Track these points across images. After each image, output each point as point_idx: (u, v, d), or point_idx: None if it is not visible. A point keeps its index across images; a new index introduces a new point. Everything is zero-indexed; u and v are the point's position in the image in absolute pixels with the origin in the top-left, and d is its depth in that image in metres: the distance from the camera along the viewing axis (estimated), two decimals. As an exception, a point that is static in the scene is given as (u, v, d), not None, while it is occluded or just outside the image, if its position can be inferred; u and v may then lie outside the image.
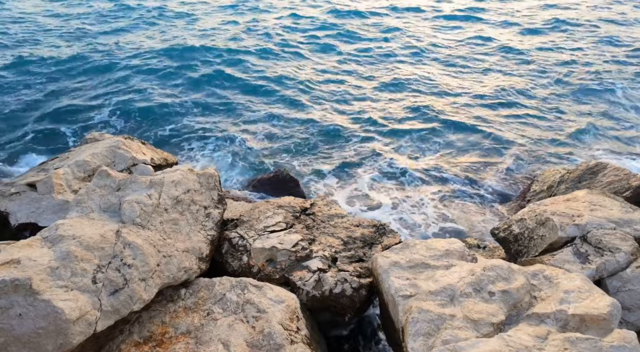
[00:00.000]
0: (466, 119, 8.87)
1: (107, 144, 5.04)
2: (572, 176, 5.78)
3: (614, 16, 15.50)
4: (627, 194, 4.86)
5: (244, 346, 3.06)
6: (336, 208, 4.91)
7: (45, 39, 13.11)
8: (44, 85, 9.94)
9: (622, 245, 3.73)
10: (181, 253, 3.56)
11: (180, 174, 4.00)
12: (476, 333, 2.92)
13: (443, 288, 3.25)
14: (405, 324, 3.09)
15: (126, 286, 3.02)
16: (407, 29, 14.56)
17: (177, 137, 8.14)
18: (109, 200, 3.64)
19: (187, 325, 3.21)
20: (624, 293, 3.52)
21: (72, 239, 3.06)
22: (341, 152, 7.77)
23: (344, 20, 15.49)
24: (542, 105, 9.44)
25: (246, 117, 8.83)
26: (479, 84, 10.49)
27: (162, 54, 11.77)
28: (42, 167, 5.12)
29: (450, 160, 7.60)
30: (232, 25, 14.72)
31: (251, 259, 4.02)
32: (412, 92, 10.04)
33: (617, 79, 10.24)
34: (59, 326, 2.63)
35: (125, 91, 9.68)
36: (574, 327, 2.93)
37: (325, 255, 4.05)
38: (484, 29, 14.63)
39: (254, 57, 11.97)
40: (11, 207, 4.46)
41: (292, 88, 10.04)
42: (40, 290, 2.68)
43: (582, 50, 12.27)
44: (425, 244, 3.84)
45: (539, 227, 4.23)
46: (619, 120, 8.61)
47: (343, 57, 12.14)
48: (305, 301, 3.74)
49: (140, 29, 14.33)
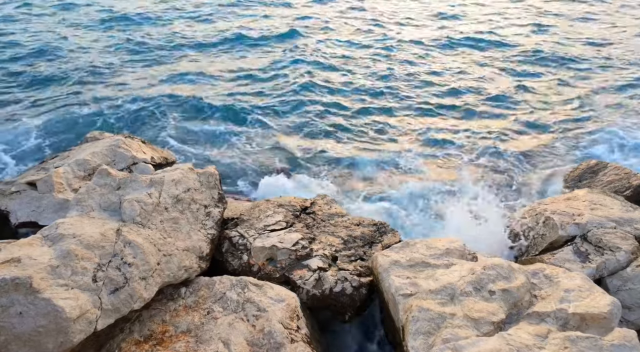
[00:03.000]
0: (466, 118, 8.88)
1: (107, 143, 5.04)
2: (573, 175, 5.79)
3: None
4: (628, 193, 4.86)
5: (244, 345, 3.06)
6: (336, 207, 4.91)
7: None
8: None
9: (623, 244, 3.73)
10: (181, 252, 3.56)
11: (181, 173, 4.00)
12: (476, 332, 2.92)
13: (443, 287, 3.25)
14: (405, 322, 3.09)
15: (126, 285, 3.02)
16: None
17: (176, 136, 8.14)
18: (109, 199, 3.64)
19: (187, 324, 3.21)
20: (624, 292, 3.53)
21: (73, 238, 3.07)
22: (342, 151, 7.77)
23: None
24: (542, 104, 9.44)
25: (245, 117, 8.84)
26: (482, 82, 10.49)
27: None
28: (42, 165, 5.12)
29: (450, 160, 7.60)
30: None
31: (251, 258, 4.02)
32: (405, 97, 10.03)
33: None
34: (60, 325, 2.63)
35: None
36: (575, 326, 2.94)
37: (326, 254, 4.05)
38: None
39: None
40: (11, 206, 4.47)
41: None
42: (40, 288, 2.68)
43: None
44: (426, 242, 3.84)
45: (540, 226, 4.23)
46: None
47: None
48: (306, 299, 3.74)
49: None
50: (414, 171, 7.29)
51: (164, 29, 13.79)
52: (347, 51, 12.06)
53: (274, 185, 6.69)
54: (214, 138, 8.17)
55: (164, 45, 12.35)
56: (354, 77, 10.46)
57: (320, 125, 8.58)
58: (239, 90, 9.84)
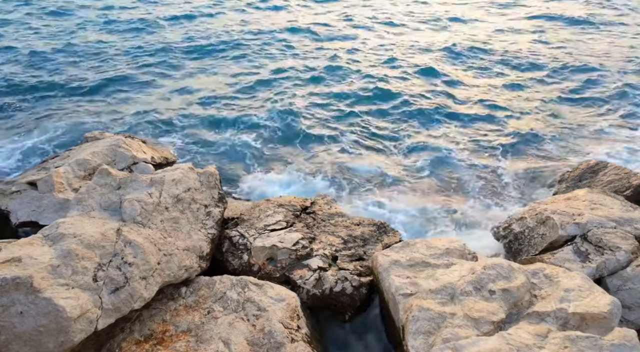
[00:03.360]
0: (466, 118, 8.88)
1: (107, 142, 5.04)
2: (573, 174, 5.79)
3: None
4: (628, 193, 4.86)
5: (245, 344, 3.07)
6: (336, 207, 4.91)
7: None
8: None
9: (623, 244, 3.73)
10: (182, 252, 3.57)
11: (181, 173, 4.00)
12: (476, 331, 2.92)
13: (443, 286, 3.25)
14: (405, 322, 3.09)
15: (127, 284, 3.02)
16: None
17: (173, 137, 8.14)
18: (110, 198, 3.64)
19: (187, 323, 3.22)
20: (624, 292, 3.53)
21: (73, 238, 3.07)
22: (341, 150, 7.77)
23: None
24: (543, 103, 9.44)
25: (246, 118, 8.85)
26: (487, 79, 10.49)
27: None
28: (43, 165, 5.13)
29: (449, 159, 7.60)
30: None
31: (252, 258, 4.03)
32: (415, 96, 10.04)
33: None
34: (60, 324, 2.64)
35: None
36: (574, 325, 2.94)
37: (326, 254, 4.06)
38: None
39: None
40: (12, 205, 4.47)
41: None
42: (41, 288, 2.68)
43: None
44: (426, 242, 3.84)
45: (540, 226, 4.23)
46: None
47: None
48: (306, 299, 3.75)
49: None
50: (414, 172, 7.29)
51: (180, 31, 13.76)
52: (355, 57, 12.00)
53: (274, 185, 6.70)
54: (215, 138, 8.18)
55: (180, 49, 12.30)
56: (357, 84, 10.44)
57: (321, 126, 8.58)
58: (240, 94, 9.85)
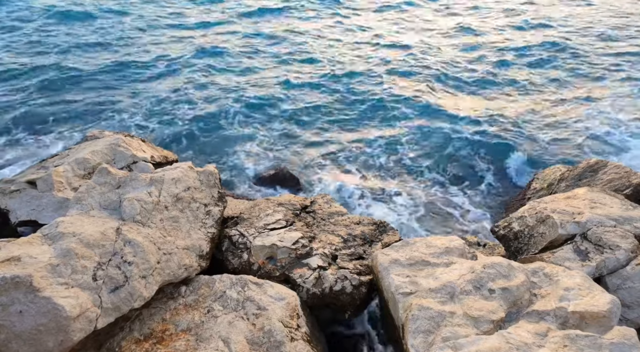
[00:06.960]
0: (465, 116, 8.87)
1: (107, 141, 5.04)
2: (573, 173, 5.78)
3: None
4: (628, 191, 4.85)
5: (244, 343, 3.07)
6: (336, 206, 4.91)
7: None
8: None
9: (622, 242, 3.73)
10: (181, 251, 3.56)
11: (181, 172, 4.00)
12: (476, 330, 2.92)
13: (443, 285, 3.25)
14: (405, 321, 3.09)
15: (126, 283, 3.02)
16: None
17: (174, 134, 8.14)
18: (109, 197, 3.64)
19: (187, 322, 3.22)
20: (623, 290, 3.52)
21: (73, 237, 3.07)
22: (341, 150, 7.77)
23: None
24: (543, 103, 9.43)
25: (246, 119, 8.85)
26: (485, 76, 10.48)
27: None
28: (42, 164, 5.12)
29: (449, 159, 7.59)
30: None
31: (251, 257, 4.03)
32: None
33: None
34: (60, 323, 2.64)
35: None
36: (574, 324, 2.94)
37: (326, 252, 4.06)
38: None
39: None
40: (11, 204, 4.46)
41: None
42: (40, 287, 2.68)
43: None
44: (425, 241, 3.84)
45: (539, 225, 4.23)
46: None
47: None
48: (306, 298, 3.75)
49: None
50: (413, 171, 7.29)
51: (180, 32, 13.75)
52: (354, 61, 11.97)
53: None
54: (215, 138, 8.18)
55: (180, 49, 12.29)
56: (360, 86, 10.42)
57: (322, 127, 8.58)
58: (242, 94, 9.84)
